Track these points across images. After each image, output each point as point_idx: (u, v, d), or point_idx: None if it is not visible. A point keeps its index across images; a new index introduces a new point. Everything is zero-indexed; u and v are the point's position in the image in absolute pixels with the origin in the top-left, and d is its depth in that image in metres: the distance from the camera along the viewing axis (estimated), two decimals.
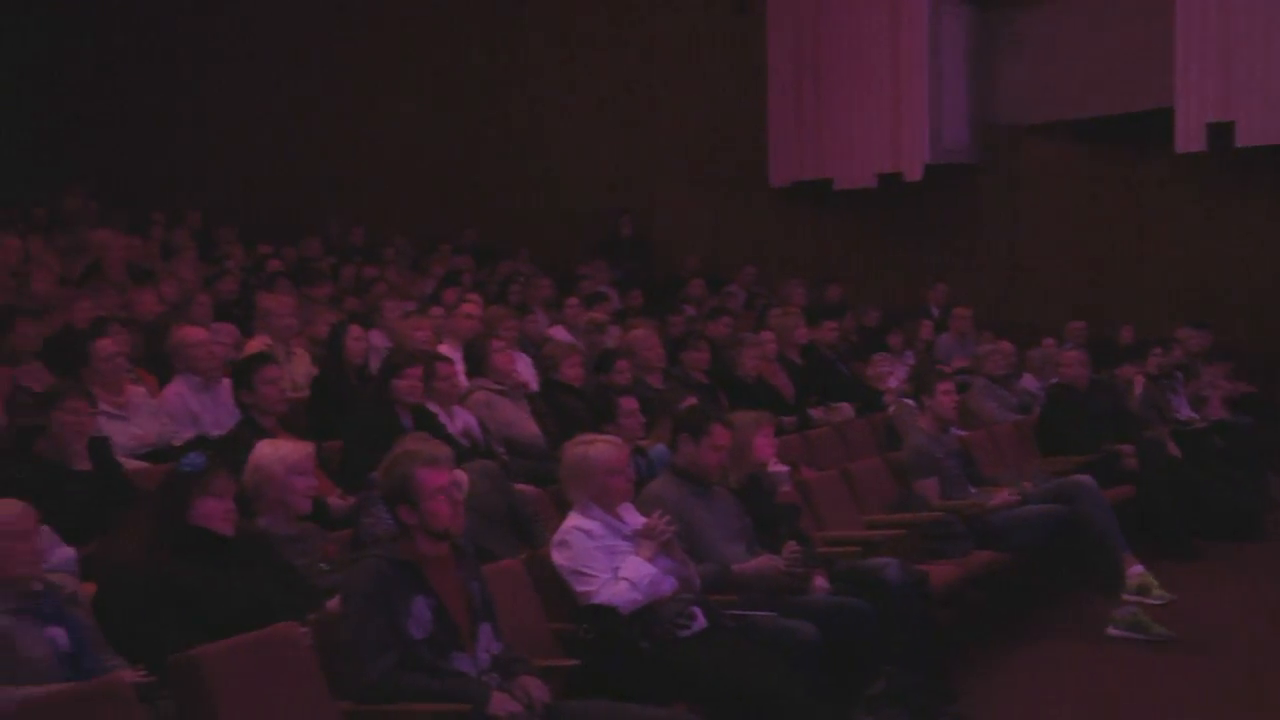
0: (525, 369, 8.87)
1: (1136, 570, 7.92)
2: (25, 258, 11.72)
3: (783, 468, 6.87)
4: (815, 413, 9.67)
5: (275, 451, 5.43)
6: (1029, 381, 11.28)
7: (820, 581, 6.04)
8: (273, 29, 17.35)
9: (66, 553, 5.15)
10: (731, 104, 15.56)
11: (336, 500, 6.25)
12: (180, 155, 17.52)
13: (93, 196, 16.02)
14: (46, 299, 9.43)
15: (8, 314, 7.81)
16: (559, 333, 10.63)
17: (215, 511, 4.84)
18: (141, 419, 7.02)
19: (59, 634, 4.29)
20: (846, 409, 9.81)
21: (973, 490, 7.95)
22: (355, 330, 8.24)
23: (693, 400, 7.72)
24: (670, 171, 16.02)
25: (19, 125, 17.94)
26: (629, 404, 7.13)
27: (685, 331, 10.66)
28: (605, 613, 5.10)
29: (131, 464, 6.43)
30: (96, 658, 4.37)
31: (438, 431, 6.56)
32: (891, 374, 10.76)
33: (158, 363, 8.09)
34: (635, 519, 5.54)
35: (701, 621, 5.27)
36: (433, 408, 7.21)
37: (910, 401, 8.89)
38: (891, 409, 9.59)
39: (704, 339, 9.79)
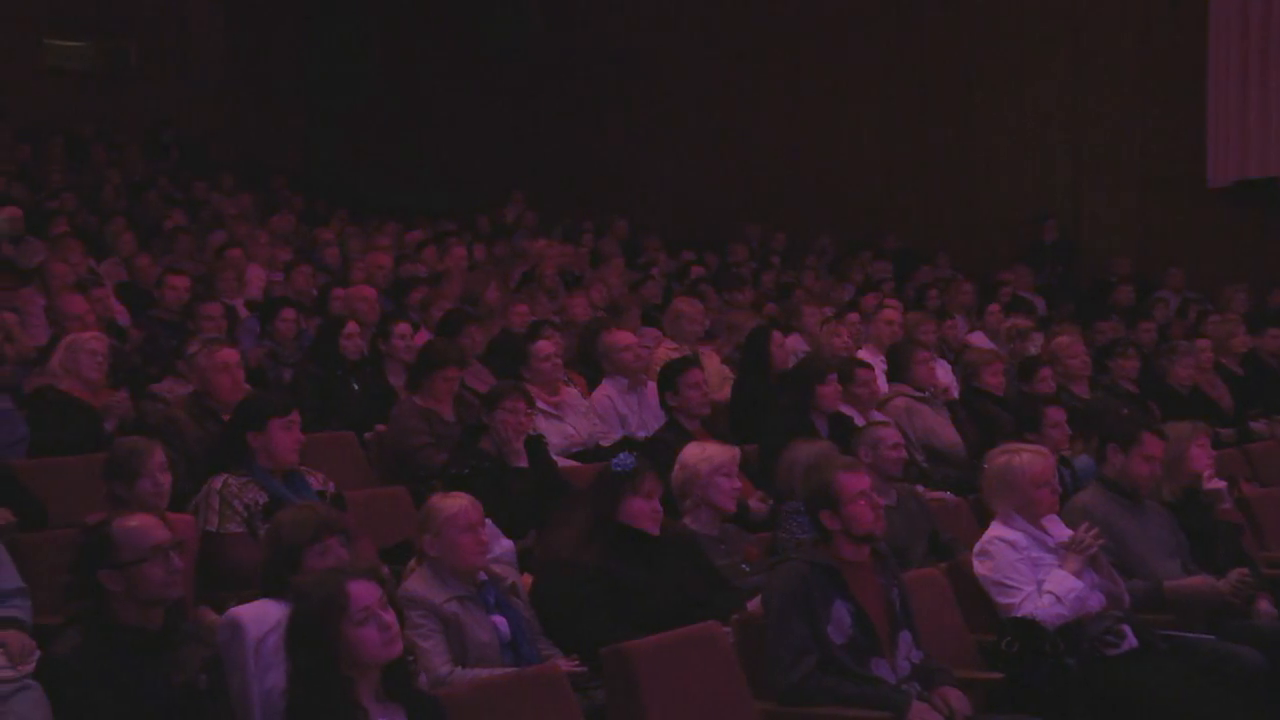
0: (945, 375, 8.76)
1: None
2: (470, 265, 12.51)
3: (1220, 483, 6.51)
4: (1257, 425, 9.12)
5: (702, 453, 5.60)
6: None
7: (1266, 605, 5.69)
8: (698, 37, 17.78)
9: (506, 545, 5.45)
10: (1166, 98, 14.83)
11: (757, 503, 6.36)
12: (609, 165, 18.21)
13: (531, 206, 16.91)
14: (490, 305, 10.01)
15: (458, 319, 8.32)
16: (979, 339, 10.43)
17: (643, 511, 5.03)
18: (574, 419, 7.35)
19: (501, 622, 4.57)
20: None
21: None
22: (776, 336, 8.36)
23: (1122, 410, 7.43)
24: (1098, 172, 15.42)
25: (464, 137, 19.11)
26: (1056, 414, 6.92)
27: (1113, 339, 10.26)
28: (1029, 626, 4.98)
29: (563, 462, 6.74)
30: (534, 646, 4.62)
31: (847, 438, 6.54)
32: None
33: (587, 365, 8.44)
34: (1060, 531, 5.39)
35: (1132, 640, 5.08)
36: (850, 413, 7.23)
37: None
38: None
39: (1133, 346, 9.40)
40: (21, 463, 6.07)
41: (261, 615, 4.00)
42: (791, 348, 9.05)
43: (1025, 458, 5.41)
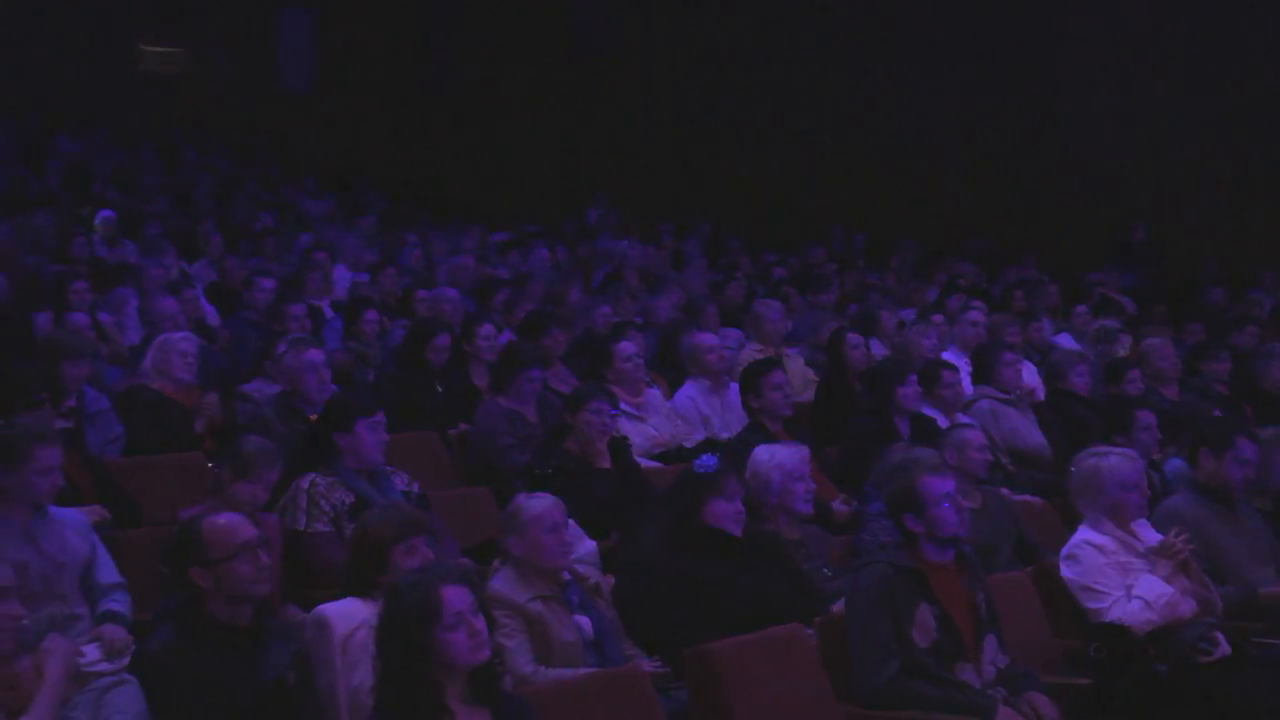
0: (1030, 377, 8.66)
1: None
2: (553, 266, 12.57)
3: None
4: None
5: (771, 459, 5.57)
6: None
7: None
8: (780, 37, 17.74)
9: (589, 546, 5.46)
10: (1256, 91, 14.55)
11: (840, 505, 6.33)
12: (690, 167, 18.21)
13: (613, 208, 16.95)
14: (572, 306, 10.05)
15: (541, 320, 8.35)
16: (1065, 340, 10.30)
17: (726, 512, 5.03)
18: (657, 420, 7.36)
19: (584, 622, 4.58)
20: None
21: None
22: (853, 338, 8.31)
23: (1215, 413, 7.30)
24: (1187, 171, 15.18)
25: (547, 139, 19.21)
26: (1147, 417, 6.81)
27: (1204, 340, 10.08)
28: (1119, 632, 4.91)
29: (646, 463, 6.74)
30: (617, 646, 4.63)
31: (932, 439, 6.49)
32: None
33: (670, 366, 8.45)
34: (1150, 536, 5.31)
35: (1225, 648, 4.99)
36: (934, 415, 7.18)
37: None
38: None
39: (1226, 348, 9.22)
40: (116, 461, 6.19)
41: (348, 613, 4.04)
42: (873, 350, 9.00)
43: (1113, 460, 5.34)
